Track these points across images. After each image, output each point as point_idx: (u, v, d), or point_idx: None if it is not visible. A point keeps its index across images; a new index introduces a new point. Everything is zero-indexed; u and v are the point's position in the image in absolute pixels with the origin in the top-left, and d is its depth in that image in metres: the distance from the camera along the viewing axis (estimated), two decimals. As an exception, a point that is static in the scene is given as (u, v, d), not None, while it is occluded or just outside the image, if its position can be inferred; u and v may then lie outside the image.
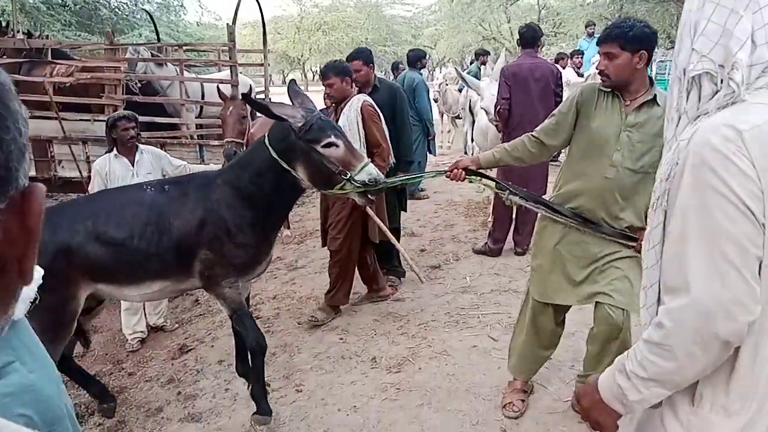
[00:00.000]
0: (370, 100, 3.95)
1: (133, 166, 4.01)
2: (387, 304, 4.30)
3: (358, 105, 3.85)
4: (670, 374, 1.09)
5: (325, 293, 4.18)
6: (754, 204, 0.98)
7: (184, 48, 7.60)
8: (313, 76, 35.88)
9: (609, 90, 2.50)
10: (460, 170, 2.66)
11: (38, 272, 2.16)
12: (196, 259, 2.83)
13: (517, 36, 5.17)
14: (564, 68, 8.84)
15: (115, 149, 4.03)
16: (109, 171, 3.99)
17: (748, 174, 0.98)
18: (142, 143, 4.30)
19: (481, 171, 2.74)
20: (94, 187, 4.07)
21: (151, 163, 4.10)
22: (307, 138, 2.61)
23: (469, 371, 3.27)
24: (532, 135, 2.70)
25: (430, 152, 7.60)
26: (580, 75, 8.77)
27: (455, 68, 9.38)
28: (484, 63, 10.30)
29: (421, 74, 7.12)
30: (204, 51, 9.47)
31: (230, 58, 6.87)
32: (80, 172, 6.47)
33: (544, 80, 4.90)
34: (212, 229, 2.79)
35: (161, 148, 6.41)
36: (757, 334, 1.03)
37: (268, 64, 7.71)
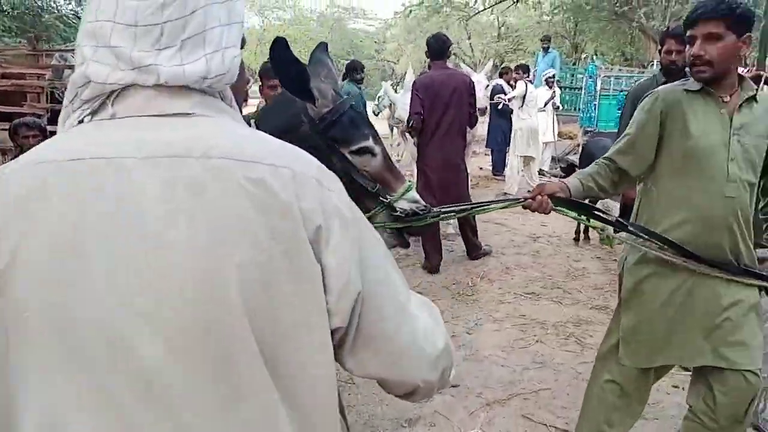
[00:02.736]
0: None
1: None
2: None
3: None
4: None
5: None
6: None
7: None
8: (276, 89, 35.90)
9: (698, 88, 1.99)
10: (545, 197, 1.99)
11: None
12: None
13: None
14: (510, 82, 8.87)
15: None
16: None
17: None
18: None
19: (575, 200, 2.09)
20: None
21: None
22: (331, 135, 1.59)
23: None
24: (606, 160, 2.15)
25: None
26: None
27: (387, 84, 9.38)
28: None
29: (359, 88, 6.54)
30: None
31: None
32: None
33: (458, 92, 4.86)
34: None
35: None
36: None
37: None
